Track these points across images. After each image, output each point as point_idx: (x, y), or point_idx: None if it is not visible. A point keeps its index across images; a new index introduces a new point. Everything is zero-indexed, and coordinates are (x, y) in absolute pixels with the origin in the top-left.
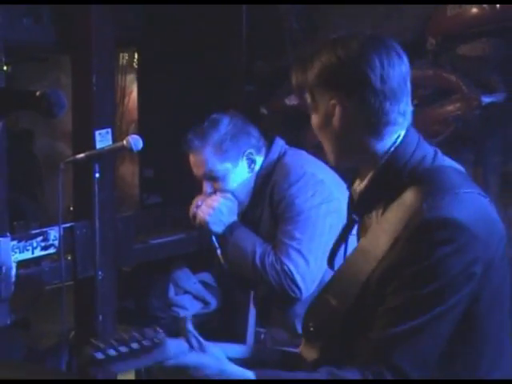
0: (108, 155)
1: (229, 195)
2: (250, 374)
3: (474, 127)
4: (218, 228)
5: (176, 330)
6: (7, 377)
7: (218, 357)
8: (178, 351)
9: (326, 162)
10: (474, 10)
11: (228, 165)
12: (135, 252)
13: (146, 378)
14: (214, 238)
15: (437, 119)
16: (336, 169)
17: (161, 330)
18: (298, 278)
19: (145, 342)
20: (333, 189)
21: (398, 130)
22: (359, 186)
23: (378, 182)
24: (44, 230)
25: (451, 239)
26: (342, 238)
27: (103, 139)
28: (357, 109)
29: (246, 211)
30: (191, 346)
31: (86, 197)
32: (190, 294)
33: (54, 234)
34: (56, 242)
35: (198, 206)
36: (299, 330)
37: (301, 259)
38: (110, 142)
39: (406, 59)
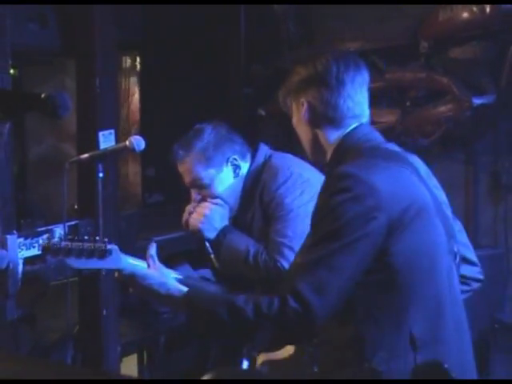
0: (111, 155)
1: (219, 201)
2: (183, 289)
3: (465, 128)
4: (210, 234)
5: None
6: (14, 370)
7: (164, 274)
8: (132, 265)
9: (312, 163)
10: (465, 14)
11: (212, 171)
12: (138, 249)
13: (148, 378)
14: (207, 244)
15: (429, 120)
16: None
17: (112, 242)
18: None
19: (97, 246)
20: (318, 186)
21: (353, 123)
22: None
23: (330, 163)
24: (49, 227)
25: (348, 189)
26: None
27: (106, 140)
28: (318, 103)
29: (236, 215)
30: (149, 265)
31: (89, 195)
32: None
33: (59, 231)
34: None
35: (190, 213)
36: None
37: (293, 255)
38: (113, 143)
39: (365, 72)
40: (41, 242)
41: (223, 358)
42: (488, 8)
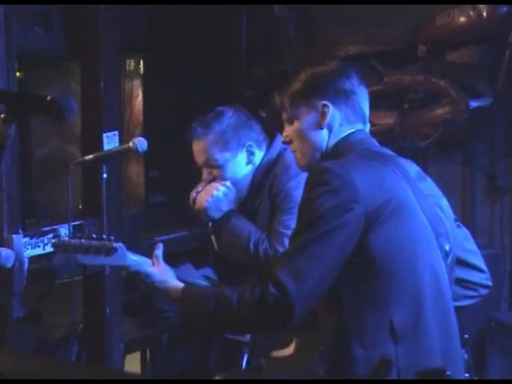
0: (115, 156)
1: (228, 183)
2: (180, 286)
3: (462, 130)
4: (215, 214)
5: None
6: (19, 367)
7: (166, 273)
8: (137, 263)
9: None
10: (462, 19)
11: (227, 155)
12: (141, 248)
13: (150, 378)
14: (210, 224)
15: (427, 122)
16: None
17: (119, 241)
18: None
19: (104, 244)
20: None
21: (358, 127)
22: None
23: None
24: (54, 227)
25: (325, 182)
26: None
27: (110, 141)
28: (341, 104)
29: (244, 202)
30: (153, 264)
31: (94, 196)
32: None
33: (63, 231)
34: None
35: (197, 192)
36: None
37: None
38: (117, 144)
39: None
40: (46, 240)
41: (225, 356)
42: (485, 12)
